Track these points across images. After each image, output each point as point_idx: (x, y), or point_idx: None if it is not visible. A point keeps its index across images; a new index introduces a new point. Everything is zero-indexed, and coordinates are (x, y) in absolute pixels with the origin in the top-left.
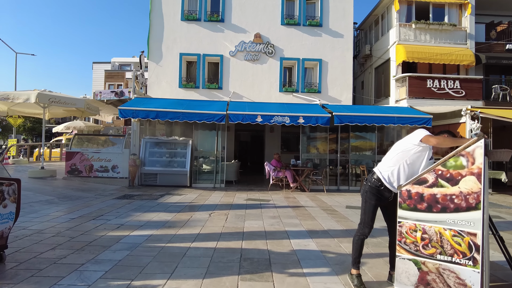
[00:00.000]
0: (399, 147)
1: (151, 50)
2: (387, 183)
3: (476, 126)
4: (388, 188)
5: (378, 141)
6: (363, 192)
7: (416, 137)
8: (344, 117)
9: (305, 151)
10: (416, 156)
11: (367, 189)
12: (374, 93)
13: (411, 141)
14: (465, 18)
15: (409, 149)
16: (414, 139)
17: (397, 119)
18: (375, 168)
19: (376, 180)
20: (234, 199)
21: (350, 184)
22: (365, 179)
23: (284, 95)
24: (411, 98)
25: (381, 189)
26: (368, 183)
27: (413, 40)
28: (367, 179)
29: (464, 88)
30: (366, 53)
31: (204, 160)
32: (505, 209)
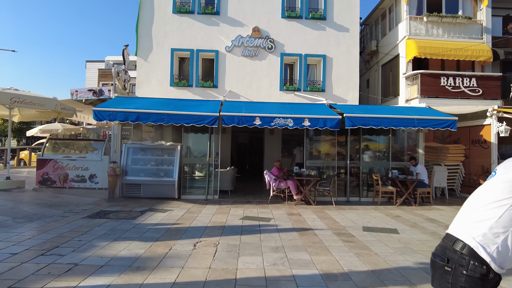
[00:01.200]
0: (504, 194)
1: (140, 45)
2: (497, 264)
3: (505, 129)
4: (496, 273)
5: (392, 145)
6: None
7: None
8: (356, 119)
9: (309, 157)
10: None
11: (465, 285)
12: (381, 92)
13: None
14: (481, 10)
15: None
16: None
17: (417, 121)
18: (466, 237)
19: (479, 264)
20: (228, 217)
21: (361, 194)
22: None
23: (285, 94)
24: (423, 97)
25: (488, 278)
26: (463, 272)
27: (424, 34)
28: (459, 264)
29: (481, 86)
30: (372, 50)
31: (195, 168)
32: None
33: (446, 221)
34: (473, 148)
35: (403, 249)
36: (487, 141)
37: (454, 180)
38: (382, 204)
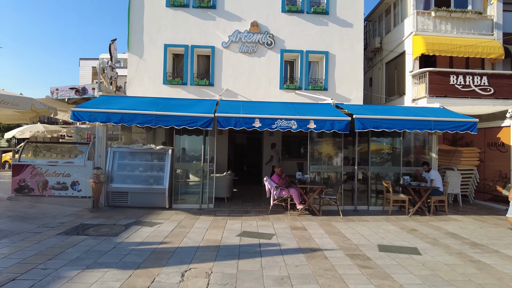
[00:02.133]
0: None
1: (131, 41)
2: None
3: None
4: None
5: (403, 149)
6: None
7: None
8: (367, 121)
9: (312, 161)
10: None
11: None
12: (385, 91)
13: None
14: (491, 5)
15: None
16: None
17: (434, 123)
18: None
19: None
20: (224, 233)
21: (369, 202)
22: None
23: (285, 93)
24: (432, 96)
25: None
26: None
27: (432, 30)
28: None
29: (493, 85)
30: (375, 47)
31: (188, 173)
32: None
33: (470, 236)
34: (488, 151)
35: (431, 278)
36: (505, 144)
37: (467, 186)
38: (393, 214)
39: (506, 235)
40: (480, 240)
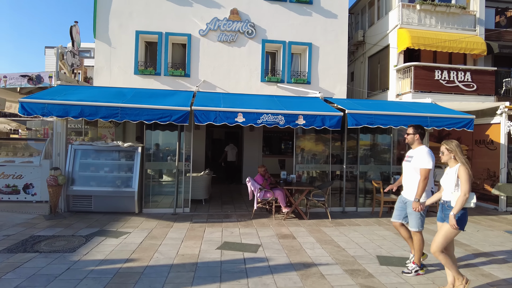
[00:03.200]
0: None
1: (99, 26)
2: None
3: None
4: None
5: (393, 147)
6: None
7: None
8: (361, 117)
9: (298, 160)
10: None
11: None
12: (368, 85)
13: None
14: (474, 0)
15: None
16: None
17: (430, 120)
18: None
19: None
20: (202, 245)
21: (357, 203)
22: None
23: (267, 86)
24: (416, 91)
25: None
26: None
27: (417, 24)
28: None
29: (476, 81)
30: (358, 40)
31: (161, 174)
32: None
33: (470, 243)
34: (476, 149)
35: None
36: (494, 141)
37: None
38: (384, 216)
39: (506, 240)
40: (482, 247)
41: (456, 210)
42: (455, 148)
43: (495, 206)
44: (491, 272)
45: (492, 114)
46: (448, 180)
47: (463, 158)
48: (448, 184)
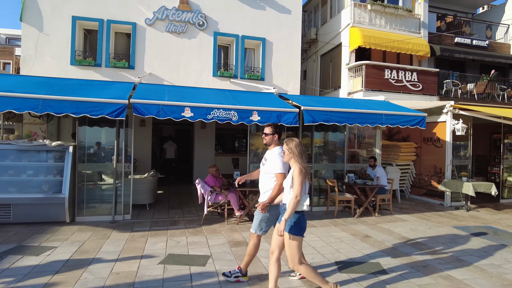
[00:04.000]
0: None
1: (27, 7)
2: None
3: (462, 127)
4: None
5: (347, 145)
6: None
7: None
8: (317, 114)
9: (252, 158)
10: None
11: None
12: (320, 83)
13: None
14: (419, 4)
15: None
16: None
17: (385, 117)
18: None
19: None
20: (142, 260)
21: (312, 203)
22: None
23: (219, 81)
24: (368, 90)
25: None
26: None
27: (368, 23)
28: None
29: (421, 81)
30: (311, 38)
31: (98, 176)
32: None
33: (425, 241)
34: (424, 146)
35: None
36: (441, 139)
37: (404, 181)
38: (339, 216)
39: (456, 237)
40: (436, 245)
41: (288, 215)
42: (293, 147)
43: (441, 201)
44: (449, 273)
45: (438, 112)
46: (287, 181)
47: (299, 158)
48: (286, 185)
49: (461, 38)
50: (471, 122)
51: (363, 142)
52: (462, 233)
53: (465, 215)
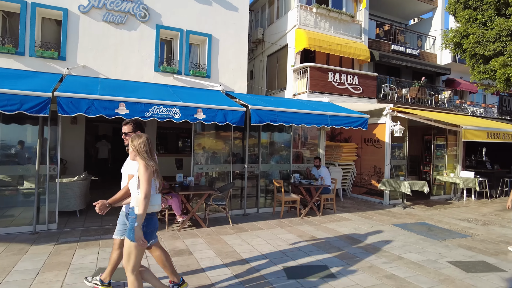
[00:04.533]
0: None
1: None
2: None
3: (399, 129)
4: None
5: (293, 145)
6: None
7: None
8: (265, 114)
9: (197, 159)
10: None
11: None
12: (266, 84)
13: None
14: (360, 11)
15: None
16: None
17: (330, 118)
18: None
19: None
20: (67, 277)
21: (258, 204)
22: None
23: (162, 77)
24: (312, 92)
25: None
26: None
27: (313, 26)
28: None
29: (362, 85)
30: (257, 38)
31: (17, 181)
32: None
33: (368, 240)
34: (365, 147)
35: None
36: (380, 140)
37: (346, 180)
38: (285, 217)
39: (396, 234)
40: (379, 244)
41: (140, 219)
42: (137, 145)
43: (380, 200)
44: (392, 272)
45: (378, 115)
46: (133, 182)
47: (145, 154)
48: (133, 187)
49: (396, 46)
50: (407, 124)
51: (307, 142)
52: (402, 231)
53: (403, 213)
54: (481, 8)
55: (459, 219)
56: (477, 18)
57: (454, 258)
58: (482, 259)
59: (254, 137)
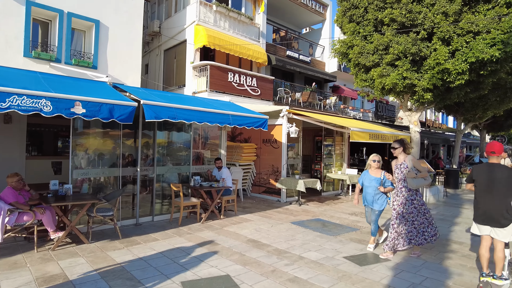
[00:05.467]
0: None
1: None
2: None
3: (295, 130)
4: None
5: (193, 145)
6: None
7: None
8: (162, 110)
9: (76, 163)
10: None
11: None
12: (163, 80)
13: None
14: (258, 15)
15: None
16: None
17: (232, 117)
18: None
19: None
20: None
21: (154, 211)
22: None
23: (35, 64)
24: (212, 91)
25: None
26: None
27: (213, 24)
28: None
29: (260, 87)
30: (153, 30)
31: None
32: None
33: (270, 242)
34: (264, 147)
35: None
36: (277, 140)
37: (246, 180)
38: (184, 223)
39: (295, 232)
40: (280, 245)
41: None
42: None
43: (278, 198)
44: (295, 274)
45: (276, 116)
46: None
47: None
48: None
49: (291, 52)
50: (301, 126)
51: (208, 143)
52: (300, 229)
53: (299, 210)
54: (363, 23)
55: (348, 213)
56: (359, 32)
57: (348, 253)
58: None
59: (149, 137)
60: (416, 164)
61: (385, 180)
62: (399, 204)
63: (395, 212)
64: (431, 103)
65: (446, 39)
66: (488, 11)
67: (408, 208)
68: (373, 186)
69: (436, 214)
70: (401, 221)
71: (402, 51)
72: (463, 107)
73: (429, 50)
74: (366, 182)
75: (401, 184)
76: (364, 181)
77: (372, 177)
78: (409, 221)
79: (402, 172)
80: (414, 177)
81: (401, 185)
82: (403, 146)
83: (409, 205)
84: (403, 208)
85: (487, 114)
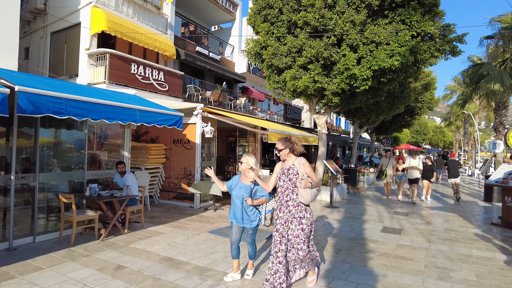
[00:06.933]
0: None
1: None
2: None
3: (210, 130)
4: None
5: (87, 146)
6: None
7: None
8: (46, 101)
9: None
10: None
11: None
12: (50, 68)
13: None
14: (167, 5)
15: None
16: None
17: (140, 114)
18: None
19: None
20: None
21: (36, 230)
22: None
23: None
24: (112, 83)
25: None
26: None
27: (114, 8)
28: None
29: (168, 82)
30: (37, 7)
31: None
32: None
33: (188, 259)
34: (174, 148)
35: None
36: (190, 141)
37: (153, 186)
38: (78, 242)
39: (215, 243)
40: (200, 261)
41: None
42: None
43: (191, 204)
44: None
45: (189, 114)
46: None
47: None
48: None
49: (201, 48)
50: (216, 126)
51: (107, 143)
52: (219, 239)
53: (215, 216)
54: (277, 24)
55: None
56: (273, 32)
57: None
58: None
59: (29, 135)
60: (308, 170)
61: (256, 189)
62: (282, 223)
63: (278, 234)
64: (337, 107)
65: (353, 46)
66: (386, 25)
67: (294, 228)
68: (240, 197)
69: (345, 212)
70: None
71: (314, 55)
72: (361, 112)
73: (338, 55)
74: (235, 191)
75: (287, 196)
76: (233, 189)
77: (242, 184)
78: (294, 247)
79: (291, 180)
80: (308, 187)
81: (287, 197)
82: (290, 145)
83: (296, 224)
84: (287, 229)
85: (379, 118)
